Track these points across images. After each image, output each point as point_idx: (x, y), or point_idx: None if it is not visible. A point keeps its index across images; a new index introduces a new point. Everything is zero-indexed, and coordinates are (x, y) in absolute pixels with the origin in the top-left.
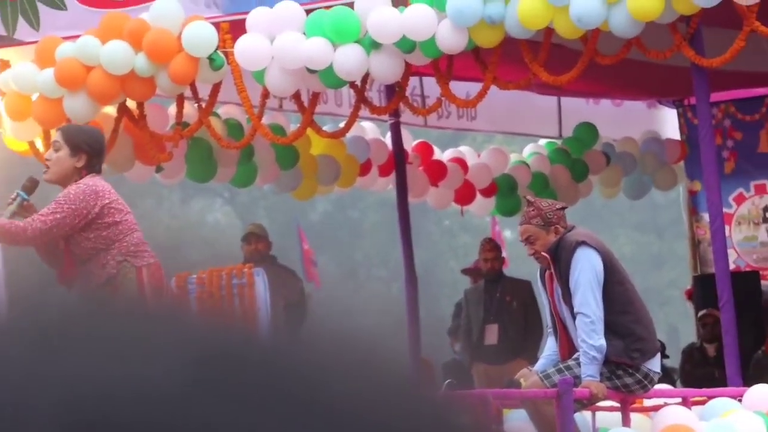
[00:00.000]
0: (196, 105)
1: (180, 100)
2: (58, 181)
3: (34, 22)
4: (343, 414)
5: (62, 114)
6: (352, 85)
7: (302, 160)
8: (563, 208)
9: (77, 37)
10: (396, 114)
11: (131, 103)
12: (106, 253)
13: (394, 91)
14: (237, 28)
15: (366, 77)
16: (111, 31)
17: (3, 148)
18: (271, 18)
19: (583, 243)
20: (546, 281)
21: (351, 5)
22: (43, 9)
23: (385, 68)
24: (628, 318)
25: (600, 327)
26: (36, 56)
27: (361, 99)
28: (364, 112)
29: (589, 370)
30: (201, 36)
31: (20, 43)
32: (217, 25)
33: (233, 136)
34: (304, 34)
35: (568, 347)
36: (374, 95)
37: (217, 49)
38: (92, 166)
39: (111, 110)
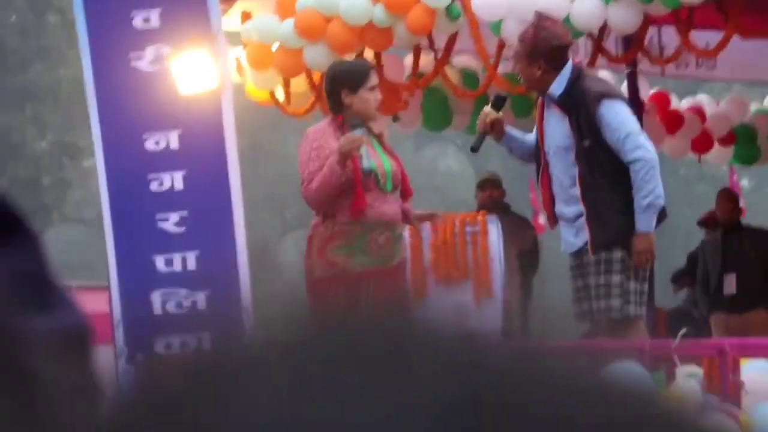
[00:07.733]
0: (432, 55)
1: (416, 50)
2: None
3: None
4: None
5: (302, 64)
6: (589, 35)
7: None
8: (567, 47)
9: None
10: (633, 63)
11: (369, 54)
12: None
13: (632, 41)
14: None
15: (603, 27)
16: None
17: (244, 97)
18: None
19: (607, 96)
20: (537, 107)
21: None
22: None
23: (624, 19)
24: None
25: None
26: (277, 7)
27: (599, 49)
28: (601, 61)
29: (645, 219)
30: None
31: None
32: None
33: (468, 85)
34: None
35: (548, 190)
36: (611, 44)
37: None
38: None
39: None
